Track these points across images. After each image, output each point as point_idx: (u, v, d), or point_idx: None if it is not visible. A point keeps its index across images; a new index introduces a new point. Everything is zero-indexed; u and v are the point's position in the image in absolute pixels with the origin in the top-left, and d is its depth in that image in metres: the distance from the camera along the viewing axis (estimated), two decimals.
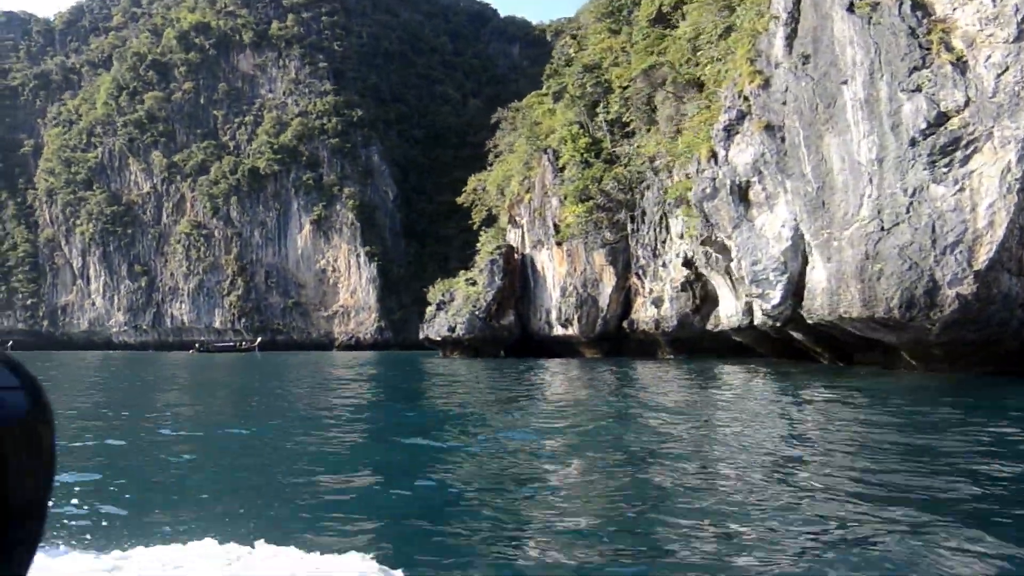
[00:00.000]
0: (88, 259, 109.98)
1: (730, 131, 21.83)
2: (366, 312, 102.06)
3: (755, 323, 29.83)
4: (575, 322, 43.05)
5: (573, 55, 53.16)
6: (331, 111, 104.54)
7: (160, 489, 8.83)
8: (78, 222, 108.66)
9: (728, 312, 32.92)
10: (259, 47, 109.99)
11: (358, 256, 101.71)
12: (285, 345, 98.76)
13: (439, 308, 50.16)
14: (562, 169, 44.63)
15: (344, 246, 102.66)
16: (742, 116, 21.50)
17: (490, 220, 57.29)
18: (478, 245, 57.14)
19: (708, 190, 22.51)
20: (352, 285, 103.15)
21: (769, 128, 20.82)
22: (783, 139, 20.56)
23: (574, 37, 52.74)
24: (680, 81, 35.50)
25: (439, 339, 48.76)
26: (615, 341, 43.46)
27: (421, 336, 52.69)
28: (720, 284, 33.33)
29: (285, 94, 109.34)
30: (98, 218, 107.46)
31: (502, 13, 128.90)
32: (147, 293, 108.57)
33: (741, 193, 21.76)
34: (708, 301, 38.26)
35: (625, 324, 41.85)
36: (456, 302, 48.57)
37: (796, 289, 21.70)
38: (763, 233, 21.70)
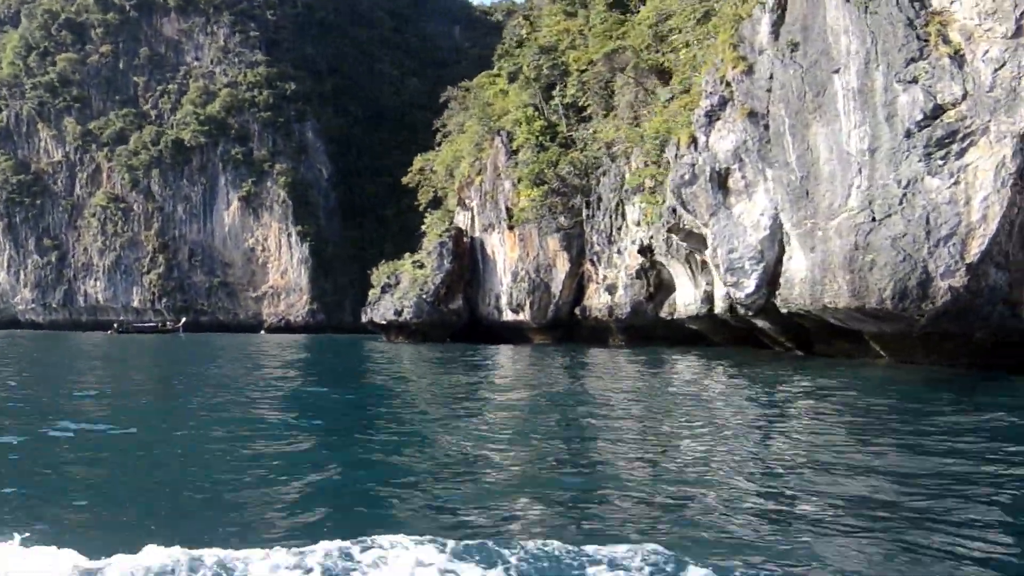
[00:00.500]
0: None
1: (711, 117, 21.52)
2: (297, 294, 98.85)
3: (715, 311, 29.91)
4: (527, 307, 42.45)
5: (526, 36, 52.21)
6: (263, 83, 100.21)
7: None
8: None
9: (686, 300, 32.95)
10: (185, 11, 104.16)
11: (289, 235, 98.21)
12: (210, 326, 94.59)
13: (384, 291, 48.64)
14: (515, 152, 43.76)
15: (275, 224, 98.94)
16: (724, 102, 21.22)
17: (436, 202, 55.93)
18: (423, 227, 55.72)
19: (687, 176, 22.19)
20: (283, 265, 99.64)
21: (752, 115, 20.57)
22: (766, 127, 20.36)
23: (527, 18, 51.73)
24: (643, 67, 35.14)
25: (384, 323, 47.29)
26: (567, 327, 43.10)
27: (364, 319, 51.03)
28: (679, 272, 33.31)
29: (213, 63, 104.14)
30: (2, 187, 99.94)
31: None
32: (57, 269, 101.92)
33: (720, 180, 21.52)
34: (662, 289, 38.30)
35: (577, 311, 41.52)
36: (403, 285, 47.18)
37: (771, 278, 21.66)
38: (740, 221, 21.53)
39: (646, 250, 37.76)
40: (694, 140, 22.03)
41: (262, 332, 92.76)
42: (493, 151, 45.65)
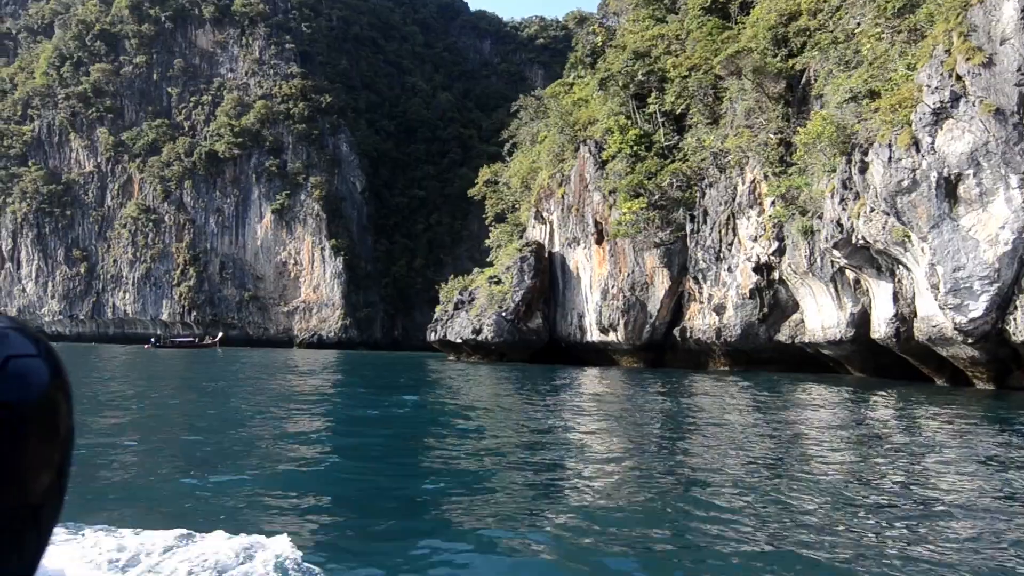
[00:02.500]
0: (20, 241, 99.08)
1: (939, 115, 18.39)
2: (330, 308, 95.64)
3: (872, 336, 26.63)
4: (620, 327, 39.10)
5: (601, 44, 49.36)
6: (297, 95, 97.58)
7: None
8: (10, 200, 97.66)
9: (824, 323, 29.66)
10: (220, 23, 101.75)
11: (323, 249, 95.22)
12: (240, 341, 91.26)
13: (457, 308, 45.32)
14: (605, 163, 40.67)
15: (308, 238, 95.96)
16: (956, 98, 18.09)
17: (500, 216, 52.73)
18: (488, 242, 52.60)
19: (906, 183, 18.99)
20: (315, 280, 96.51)
21: (999, 113, 17.45)
22: (1015, 126, 17.24)
23: (602, 25, 48.87)
24: (770, 71, 32.08)
25: (460, 341, 43.89)
26: (658, 350, 39.78)
27: (432, 338, 47.59)
28: (815, 292, 30.05)
29: (247, 74, 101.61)
30: (33, 197, 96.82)
31: (472, 7, 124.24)
32: (86, 280, 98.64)
33: (949, 188, 18.34)
34: (776, 310, 35.11)
35: (676, 332, 38.21)
36: (479, 302, 43.85)
37: (1003, 301, 18.41)
38: (971, 235, 18.31)
39: (763, 268, 34.61)
40: (915, 142, 18.85)
41: (294, 348, 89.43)
42: (579, 162, 42.53)
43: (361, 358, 53.66)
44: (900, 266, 24.13)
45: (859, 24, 25.79)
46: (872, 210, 22.36)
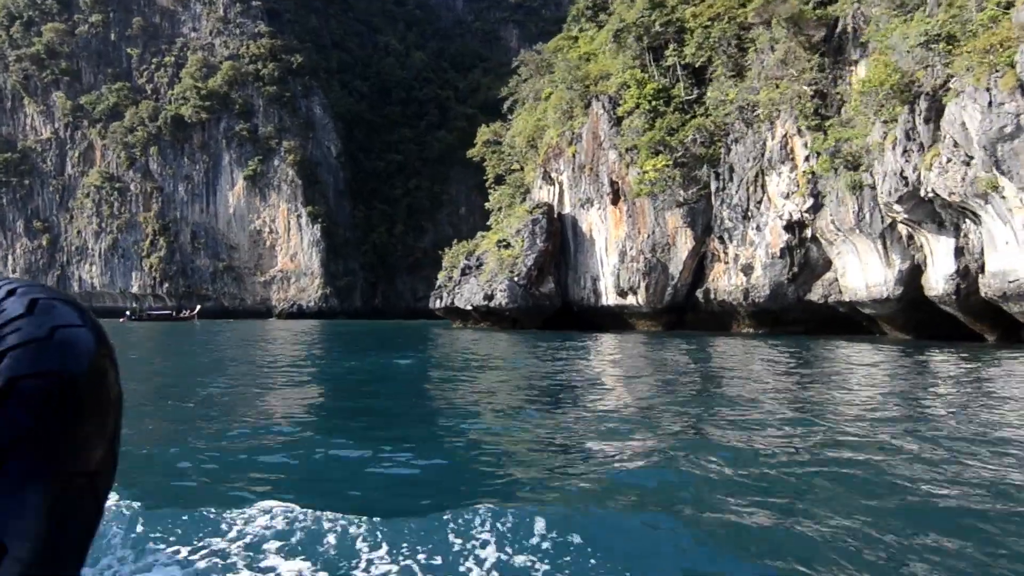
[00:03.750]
0: None
1: None
2: (308, 277, 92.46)
3: (934, 293, 25.46)
4: (640, 291, 37.54)
5: None
6: (267, 55, 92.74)
7: None
8: None
9: (872, 281, 28.43)
10: None
11: (299, 216, 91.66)
12: (216, 313, 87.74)
13: (464, 273, 43.22)
14: (620, 119, 38.64)
15: (283, 205, 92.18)
16: None
17: (499, 178, 50.37)
18: (487, 205, 50.37)
19: (1009, 128, 17.53)
20: (292, 248, 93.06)
21: None
22: None
23: None
24: (809, 18, 30.26)
25: (470, 308, 41.88)
26: (679, 313, 38.41)
27: (437, 305, 45.46)
28: (861, 249, 28.75)
29: (212, 34, 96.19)
30: None
31: None
32: (49, 253, 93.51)
33: None
34: (806, 269, 33.86)
35: (699, 294, 36.80)
36: (488, 267, 41.80)
37: None
38: None
39: (795, 226, 33.22)
40: (1020, 85, 17.33)
41: (273, 319, 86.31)
42: (591, 119, 40.39)
43: (352, 328, 51.02)
44: (967, 220, 22.88)
45: None
46: (949, 160, 20.89)
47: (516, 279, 40.01)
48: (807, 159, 31.61)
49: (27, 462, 0.56)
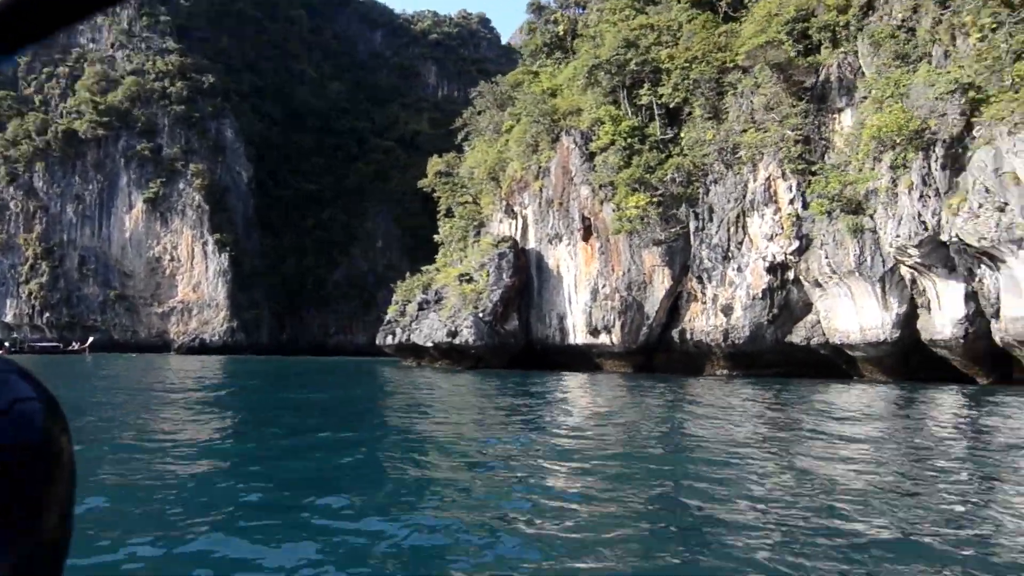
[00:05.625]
0: None
1: None
2: (213, 309, 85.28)
3: (940, 336, 25.45)
4: (615, 330, 36.07)
5: (562, 32, 46.34)
6: (175, 73, 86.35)
7: None
8: None
9: (867, 324, 28.30)
10: None
11: (205, 244, 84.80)
12: (105, 346, 79.01)
13: (421, 308, 40.24)
14: (593, 155, 37.55)
15: (187, 232, 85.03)
16: None
17: (450, 211, 47.95)
18: (437, 236, 47.76)
19: None
20: (196, 278, 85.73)
21: None
22: None
23: (564, 15, 45.74)
24: (799, 65, 30.44)
25: (430, 345, 38.84)
26: (648, 354, 37.22)
27: (388, 341, 41.98)
28: (856, 292, 28.63)
29: (114, 47, 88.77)
30: None
31: None
32: None
33: None
34: (785, 311, 33.64)
35: (675, 334, 35.80)
36: (450, 302, 39.07)
37: None
38: None
39: (777, 268, 32.98)
40: None
41: (171, 353, 78.41)
42: (559, 153, 39.07)
43: (270, 367, 44.20)
44: (983, 266, 23.01)
45: (915, 17, 24.47)
46: (981, 206, 20.85)
47: (482, 315, 37.57)
48: (791, 202, 31.56)
49: None
